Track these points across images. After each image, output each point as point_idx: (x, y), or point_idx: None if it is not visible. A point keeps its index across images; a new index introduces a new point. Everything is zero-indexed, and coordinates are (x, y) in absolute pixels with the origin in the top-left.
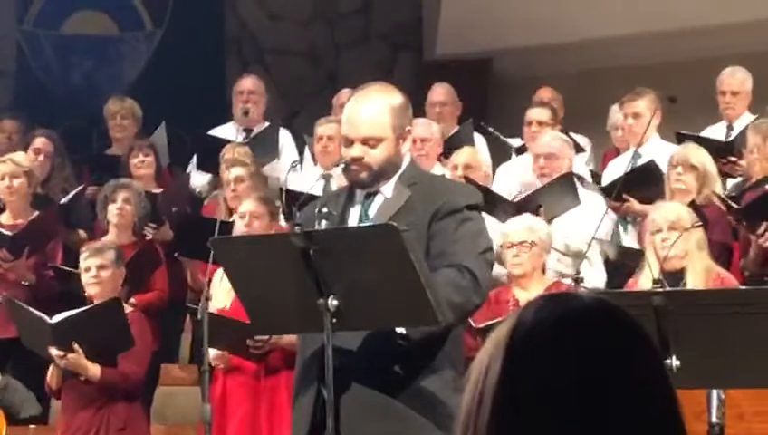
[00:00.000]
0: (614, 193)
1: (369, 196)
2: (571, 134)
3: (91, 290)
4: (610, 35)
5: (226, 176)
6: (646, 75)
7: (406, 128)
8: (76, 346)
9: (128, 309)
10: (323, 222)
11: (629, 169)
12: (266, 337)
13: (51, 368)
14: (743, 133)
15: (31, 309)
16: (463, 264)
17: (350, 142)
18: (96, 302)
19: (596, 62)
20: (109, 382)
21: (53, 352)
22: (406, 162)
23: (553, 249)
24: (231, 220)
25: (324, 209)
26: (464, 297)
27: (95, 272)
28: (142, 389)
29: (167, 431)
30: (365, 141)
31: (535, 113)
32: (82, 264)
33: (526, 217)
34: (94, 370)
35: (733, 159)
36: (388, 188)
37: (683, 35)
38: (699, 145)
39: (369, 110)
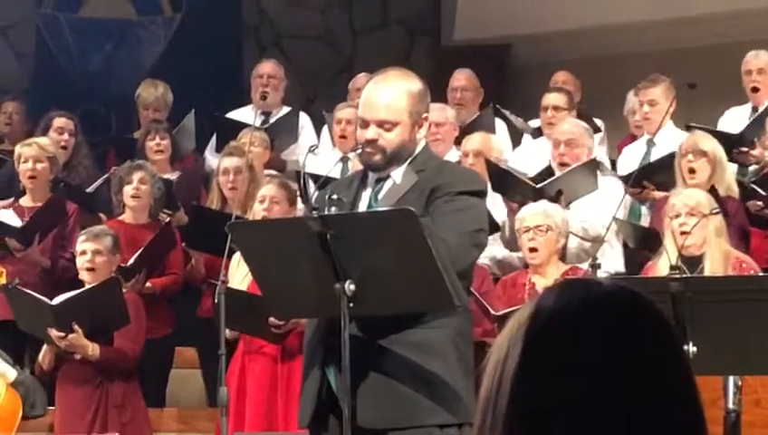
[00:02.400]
0: (631, 181)
1: (380, 181)
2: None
3: (84, 274)
4: (630, 21)
5: (222, 165)
6: (665, 61)
7: (422, 114)
8: (76, 326)
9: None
10: (333, 208)
11: (648, 162)
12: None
13: (44, 349)
14: (753, 124)
15: (31, 293)
16: (441, 237)
17: (365, 124)
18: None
19: (616, 47)
20: (107, 360)
21: (54, 333)
22: (419, 148)
23: (571, 234)
24: (242, 214)
25: (334, 196)
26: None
27: (90, 257)
28: (137, 365)
29: (179, 414)
30: (380, 124)
31: (552, 98)
32: (78, 247)
33: (542, 203)
34: (94, 349)
35: (744, 149)
36: (398, 174)
37: (702, 21)
38: (711, 136)
39: (387, 93)
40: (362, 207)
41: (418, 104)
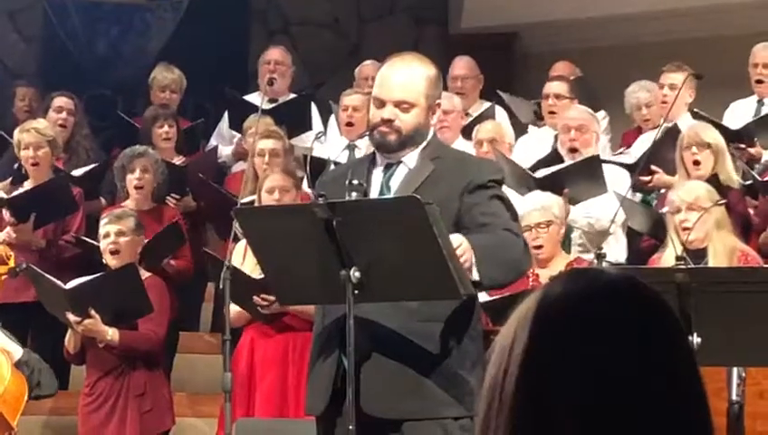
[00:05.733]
0: (641, 164)
1: (390, 166)
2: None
3: (108, 257)
4: (638, 11)
5: (258, 146)
6: (672, 52)
7: (436, 100)
8: (92, 312)
9: (144, 275)
10: (354, 193)
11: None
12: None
13: (69, 332)
14: (757, 123)
15: (47, 276)
16: (514, 230)
17: (381, 104)
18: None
19: (623, 37)
20: (129, 345)
21: (71, 317)
22: (429, 135)
23: (577, 228)
24: (250, 200)
25: (355, 181)
26: (522, 257)
27: (114, 238)
28: (163, 350)
29: (187, 399)
30: (397, 104)
31: (553, 87)
32: (101, 230)
33: (537, 197)
34: (113, 334)
35: (742, 146)
36: (410, 159)
37: (710, 12)
38: (711, 126)
39: (406, 74)
40: (374, 192)
41: (434, 89)
